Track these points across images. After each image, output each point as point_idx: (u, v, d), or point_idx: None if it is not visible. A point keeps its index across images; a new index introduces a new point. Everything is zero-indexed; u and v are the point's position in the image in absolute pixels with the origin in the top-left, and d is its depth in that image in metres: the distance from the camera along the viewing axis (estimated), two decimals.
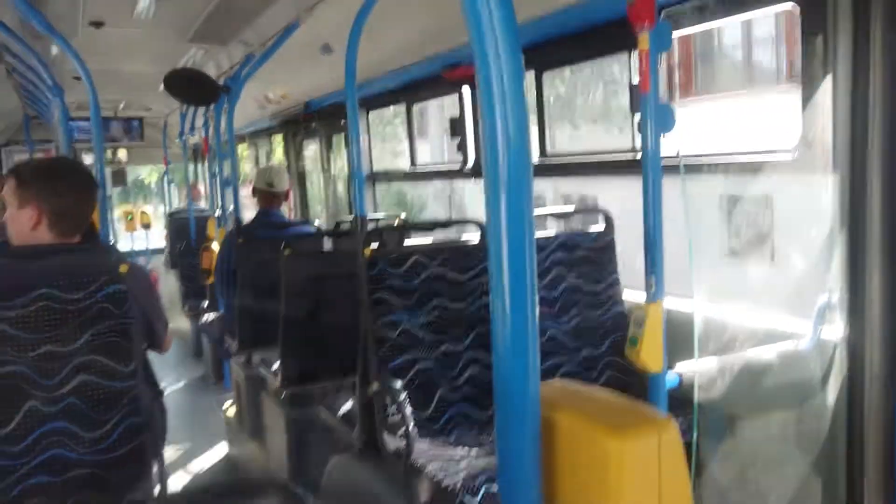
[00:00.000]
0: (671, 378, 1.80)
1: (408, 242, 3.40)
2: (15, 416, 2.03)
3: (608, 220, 2.97)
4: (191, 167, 9.52)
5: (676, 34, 1.92)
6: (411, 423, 2.30)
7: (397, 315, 2.60)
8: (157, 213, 12.91)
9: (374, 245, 2.81)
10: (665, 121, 1.67)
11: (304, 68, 5.15)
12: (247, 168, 11.14)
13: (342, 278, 3.40)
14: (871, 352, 2.00)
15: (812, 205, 2.18)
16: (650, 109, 1.67)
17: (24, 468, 2.03)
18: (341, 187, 6.03)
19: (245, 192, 5.96)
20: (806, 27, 2.16)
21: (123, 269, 2.17)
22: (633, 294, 3.00)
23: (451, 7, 3.41)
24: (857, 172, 1.98)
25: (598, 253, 2.93)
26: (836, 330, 2.07)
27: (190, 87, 4.92)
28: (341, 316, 3.37)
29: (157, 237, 11.24)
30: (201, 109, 6.89)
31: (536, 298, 0.81)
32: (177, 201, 11.33)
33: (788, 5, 2.29)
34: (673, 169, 2.19)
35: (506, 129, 0.83)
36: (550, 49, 3.31)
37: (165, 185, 9.99)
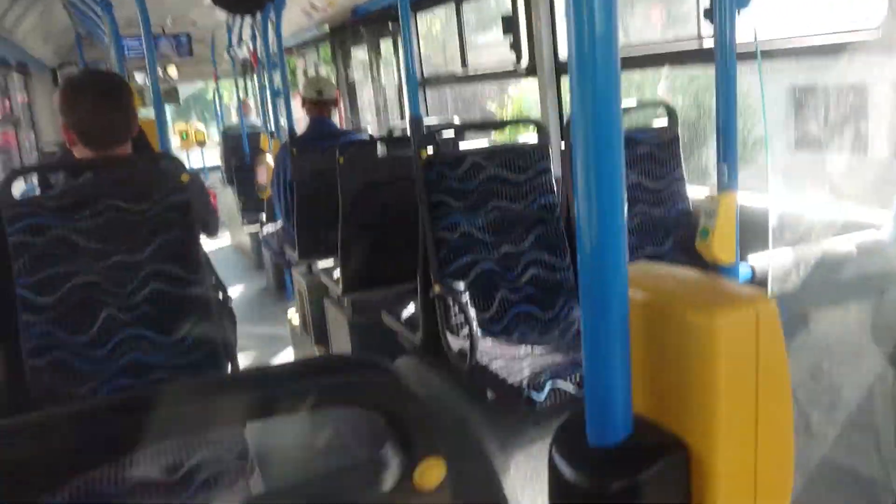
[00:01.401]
0: (744, 271, 1.74)
1: (464, 146, 3.34)
2: (94, 325, 2.11)
3: (671, 114, 2.85)
4: (240, 82, 9.50)
5: None
6: (474, 323, 2.31)
7: (456, 217, 2.58)
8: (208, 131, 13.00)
9: (430, 149, 2.78)
10: None
11: None
12: (297, 80, 11.06)
13: (398, 183, 3.39)
14: None
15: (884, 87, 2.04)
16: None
17: (108, 372, 2.13)
18: (391, 94, 5.93)
19: (297, 103, 5.93)
20: None
21: (185, 178, 2.19)
22: (696, 190, 2.91)
23: None
24: None
25: (661, 149, 2.83)
26: None
27: None
28: (399, 221, 3.37)
29: (212, 154, 11.38)
30: (248, 21, 6.80)
31: (623, 181, 0.76)
32: (233, 117, 11.37)
33: None
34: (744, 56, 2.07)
35: (591, 11, 0.75)
36: None
37: (217, 100, 10.00)
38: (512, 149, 2.70)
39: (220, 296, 2.53)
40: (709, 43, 2.82)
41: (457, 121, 4.37)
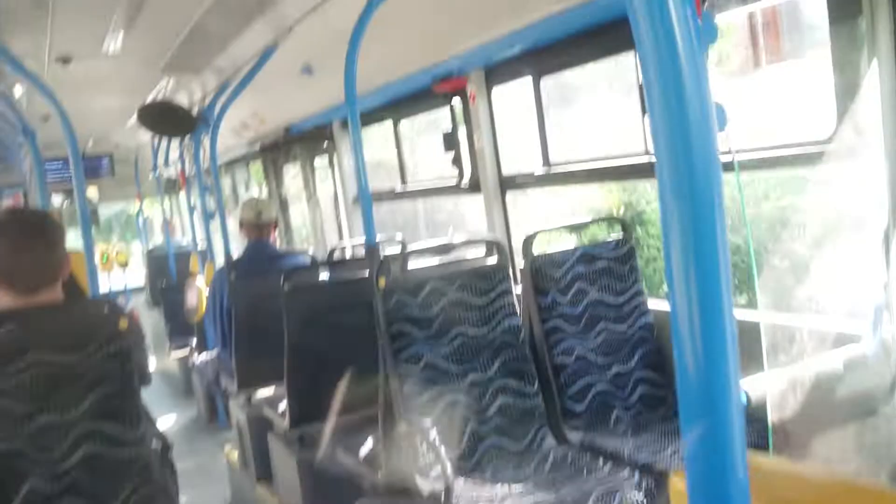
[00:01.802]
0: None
1: (412, 264, 3.22)
2: (13, 500, 1.83)
3: (626, 227, 2.83)
4: (166, 201, 9.27)
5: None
6: (448, 465, 2.13)
7: (418, 347, 2.43)
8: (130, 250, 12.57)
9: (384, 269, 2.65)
10: (720, 121, 1.52)
11: (284, 91, 4.99)
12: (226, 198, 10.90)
13: (346, 308, 3.23)
14: None
15: (855, 196, 2.05)
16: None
17: None
18: (328, 212, 5.84)
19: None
20: (835, 13, 2.05)
21: (123, 324, 1.98)
22: (657, 303, 2.87)
23: (440, 18, 3.27)
24: None
25: (618, 263, 2.79)
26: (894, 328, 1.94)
27: (165, 119, 4.74)
28: (349, 349, 3.19)
29: (135, 275, 10.96)
30: (175, 141, 6.68)
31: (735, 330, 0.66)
32: (157, 236, 11.05)
33: None
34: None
35: (683, 111, 0.67)
36: (549, 53, 3.18)
37: (140, 220, 9.72)
38: (472, 271, 2.61)
39: (160, 447, 2.27)
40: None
41: (399, 237, 4.29)
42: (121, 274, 11.11)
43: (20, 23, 3.58)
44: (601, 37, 2.90)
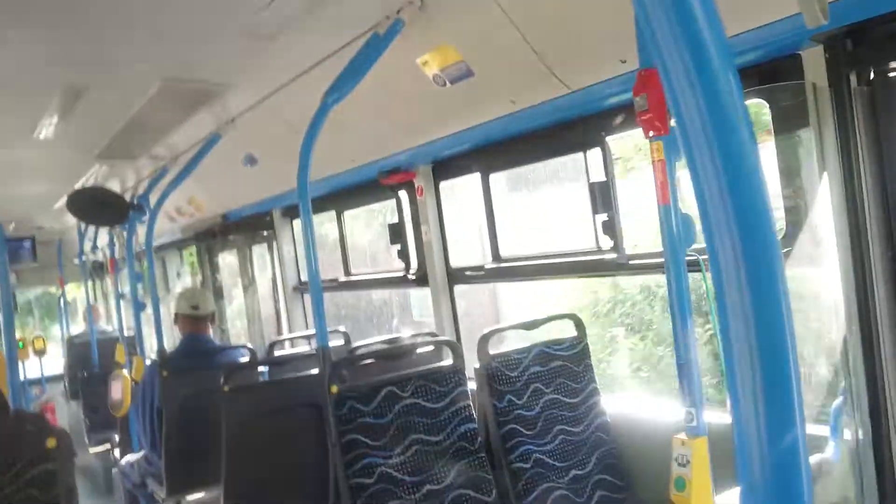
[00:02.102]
0: None
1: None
2: None
3: (579, 325, 2.81)
4: (91, 286, 8.89)
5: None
6: None
7: (372, 458, 2.30)
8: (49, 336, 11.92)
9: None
10: (688, 230, 1.53)
11: (223, 179, 4.89)
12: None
13: (292, 410, 3.08)
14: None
15: (808, 303, 2.09)
16: (673, 221, 1.52)
17: None
18: (265, 301, 5.67)
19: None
20: (781, 124, 2.12)
21: (51, 443, 1.81)
22: (611, 401, 2.83)
23: (389, 115, 3.27)
24: (859, 265, 1.90)
25: (573, 361, 2.75)
26: (856, 433, 1.94)
27: (97, 207, 4.54)
28: (295, 452, 3.03)
29: (52, 362, 10.36)
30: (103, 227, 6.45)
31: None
32: (80, 322, 10.51)
33: (750, 102, 2.26)
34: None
35: (735, 193, 0.64)
36: (497, 150, 3.21)
37: (62, 306, 9.26)
38: (426, 373, 2.52)
39: None
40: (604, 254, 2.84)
41: (342, 329, 4.17)
42: (37, 362, 10.50)
43: None
44: (549, 137, 2.95)
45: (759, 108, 2.14)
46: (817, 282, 2.02)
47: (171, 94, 3.42)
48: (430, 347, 3.18)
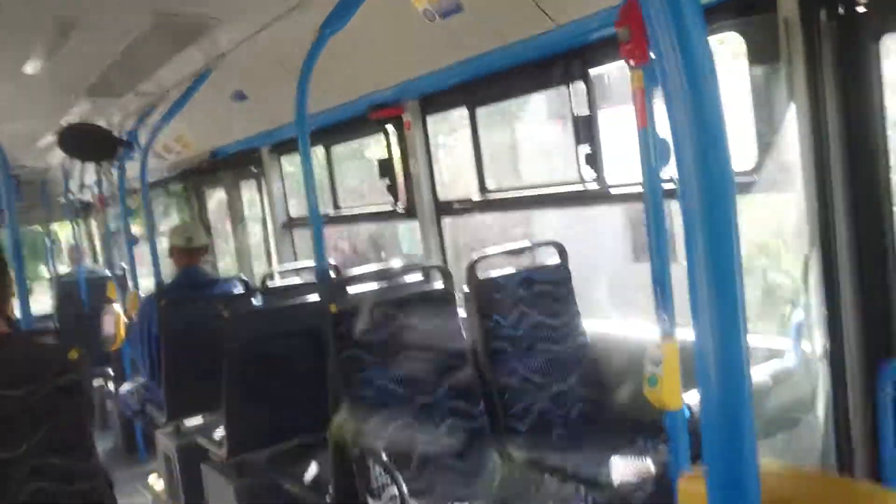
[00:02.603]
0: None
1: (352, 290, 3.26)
2: None
3: (562, 253, 2.97)
4: (78, 225, 8.92)
5: None
6: (404, 488, 2.17)
7: (369, 372, 2.47)
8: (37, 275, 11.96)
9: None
10: (664, 154, 1.67)
11: (211, 116, 4.93)
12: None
13: (288, 335, 3.24)
14: (851, 365, 2.07)
15: (778, 225, 2.25)
16: (650, 144, 1.66)
17: None
18: (256, 237, 5.78)
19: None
20: (754, 57, 2.24)
21: (74, 354, 1.94)
22: (591, 324, 3.01)
23: (378, 50, 3.34)
24: (822, 192, 2.06)
25: (556, 287, 2.91)
26: (815, 345, 2.13)
27: (88, 143, 4.59)
28: (290, 375, 3.20)
29: (40, 302, 10.44)
30: (91, 164, 6.47)
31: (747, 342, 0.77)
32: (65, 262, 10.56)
33: (727, 35, 2.37)
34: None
35: (700, 135, 0.77)
36: (484, 84, 3.31)
37: (49, 245, 9.29)
38: (419, 295, 2.68)
39: (106, 484, 2.22)
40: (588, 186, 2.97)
41: (332, 262, 4.30)
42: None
43: None
44: (535, 71, 3.05)
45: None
46: (783, 206, 2.17)
47: (162, 28, 3.45)
48: (421, 278, 3.34)
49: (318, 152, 5.06)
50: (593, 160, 2.83)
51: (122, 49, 3.79)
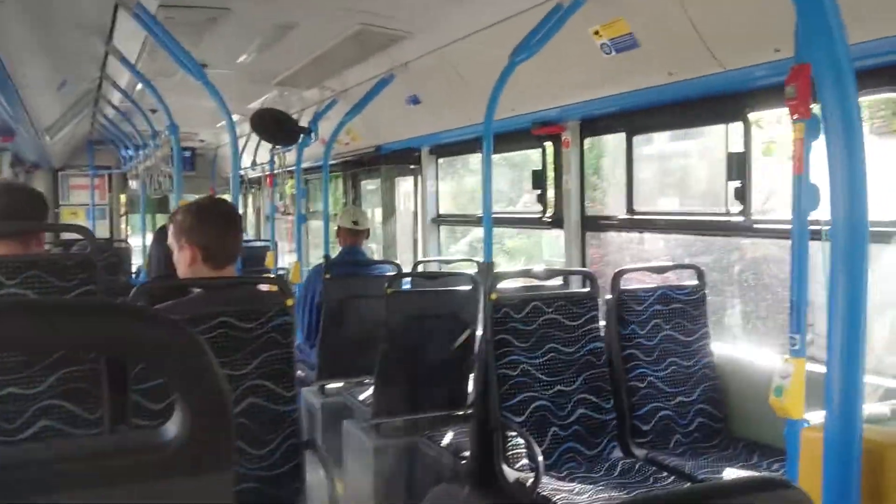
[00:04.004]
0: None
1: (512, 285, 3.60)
2: None
3: (701, 275, 3.21)
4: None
5: None
6: (540, 457, 2.50)
7: (517, 355, 2.82)
8: None
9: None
10: (812, 200, 1.91)
11: (383, 114, 5.45)
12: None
13: (441, 317, 3.64)
14: None
15: None
16: (802, 189, 1.91)
17: None
18: (406, 229, 6.29)
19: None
20: None
21: (290, 302, 2.40)
22: (719, 346, 3.23)
23: (550, 74, 3.67)
24: None
25: (691, 306, 3.16)
26: None
27: (275, 126, 5.21)
28: (440, 354, 3.60)
29: None
30: (264, 146, 7.20)
31: (865, 352, 1.04)
32: None
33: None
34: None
35: (849, 186, 1.06)
36: (642, 115, 3.59)
37: None
38: (568, 295, 3.01)
39: None
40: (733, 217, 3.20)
41: (478, 258, 4.69)
42: None
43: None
44: (695, 107, 3.31)
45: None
46: None
47: (363, 36, 3.95)
48: (560, 282, 3.67)
49: (470, 158, 5.49)
50: (742, 195, 3.05)
51: (323, 51, 4.34)
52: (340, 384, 4.61)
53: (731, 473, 2.65)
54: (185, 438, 0.54)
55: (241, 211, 9.52)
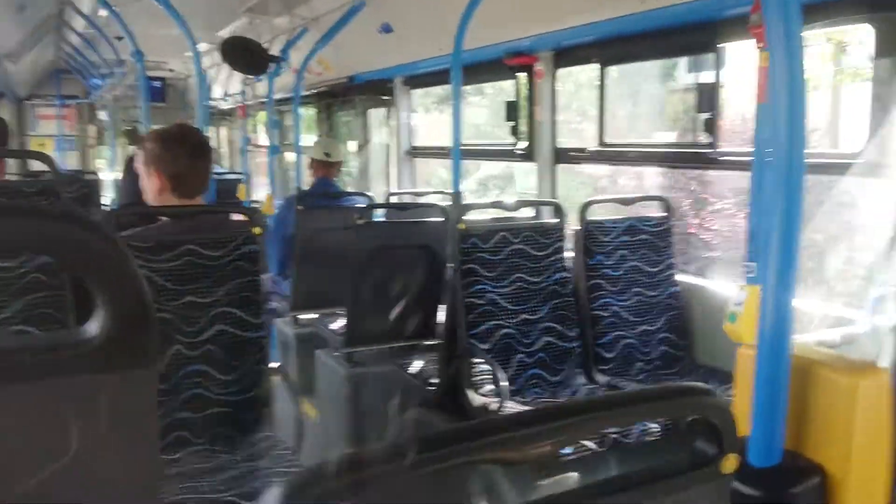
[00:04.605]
0: None
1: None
2: (164, 358, 2.27)
3: (668, 207, 3.25)
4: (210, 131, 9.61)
5: None
6: (504, 382, 2.57)
7: (484, 284, 2.86)
8: None
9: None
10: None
11: (355, 43, 5.34)
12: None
13: (411, 248, 3.66)
14: None
15: (871, 205, 2.46)
16: (766, 118, 1.92)
17: (170, 404, 2.28)
18: (379, 161, 6.25)
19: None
20: (881, 47, 2.43)
21: (258, 231, 2.41)
22: (684, 277, 3.29)
23: (523, 2, 3.61)
24: None
25: (657, 237, 3.20)
26: (888, 320, 2.36)
27: (246, 55, 5.09)
28: (409, 284, 3.63)
29: None
30: (235, 76, 7.06)
31: (795, 278, 1.07)
32: None
33: (863, 26, 2.55)
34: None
35: (788, 114, 1.07)
36: (615, 45, 3.56)
37: None
38: (535, 226, 3.03)
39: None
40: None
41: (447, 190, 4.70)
42: None
43: None
44: (667, 38, 3.28)
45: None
46: (879, 187, 2.39)
47: None
48: (533, 214, 3.69)
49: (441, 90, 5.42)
50: (711, 127, 3.07)
51: None
52: (314, 315, 4.65)
53: None
54: (105, 336, 0.55)
55: (212, 143, 9.40)
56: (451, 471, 0.60)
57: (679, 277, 3.26)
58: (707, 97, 3.03)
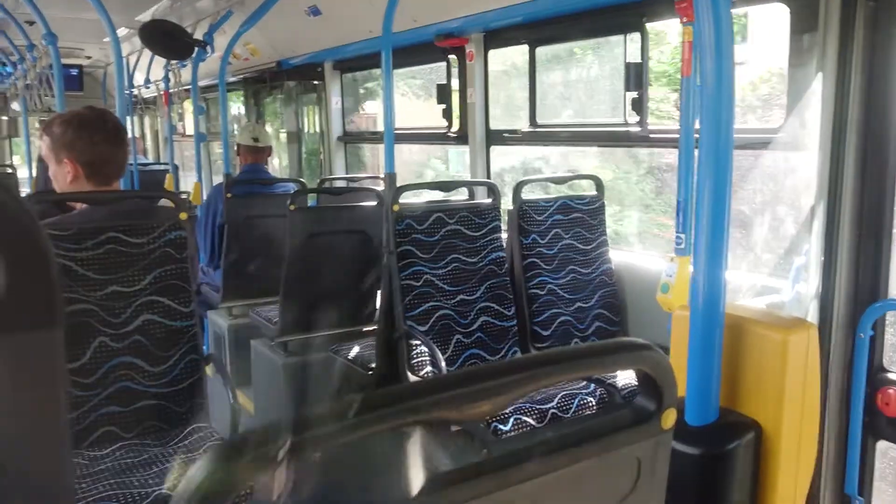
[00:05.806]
0: None
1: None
2: (87, 351, 2.18)
3: (599, 185, 3.29)
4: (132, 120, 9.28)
5: None
6: (443, 363, 2.56)
7: (420, 266, 2.84)
8: None
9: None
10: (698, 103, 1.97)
11: (282, 27, 5.22)
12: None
13: (345, 233, 3.61)
14: (838, 303, 2.40)
15: (791, 179, 2.54)
16: (691, 93, 1.96)
17: (96, 399, 2.19)
18: (310, 147, 6.14)
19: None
20: (795, 26, 2.50)
21: (184, 216, 2.33)
22: (617, 254, 3.35)
23: None
24: (836, 153, 2.35)
25: (590, 215, 3.24)
26: (809, 287, 2.45)
27: (167, 39, 4.92)
28: (344, 269, 3.59)
29: None
30: (157, 62, 6.82)
31: (727, 243, 1.09)
32: None
33: (778, 5, 2.63)
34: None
35: (715, 89, 1.08)
36: (545, 26, 3.58)
37: None
38: (469, 206, 3.03)
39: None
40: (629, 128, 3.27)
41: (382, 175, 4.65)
42: None
43: None
44: (594, 18, 3.32)
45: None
46: (798, 161, 2.47)
47: None
48: (466, 195, 3.69)
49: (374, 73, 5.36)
50: (639, 105, 3.11)
51: None
52: (247, 304, 4.56)
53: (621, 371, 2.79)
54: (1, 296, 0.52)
55: (136, 133, 9.07)
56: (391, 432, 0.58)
57: (612, 254, 3.31)
58: (636, 76, 3.07)
